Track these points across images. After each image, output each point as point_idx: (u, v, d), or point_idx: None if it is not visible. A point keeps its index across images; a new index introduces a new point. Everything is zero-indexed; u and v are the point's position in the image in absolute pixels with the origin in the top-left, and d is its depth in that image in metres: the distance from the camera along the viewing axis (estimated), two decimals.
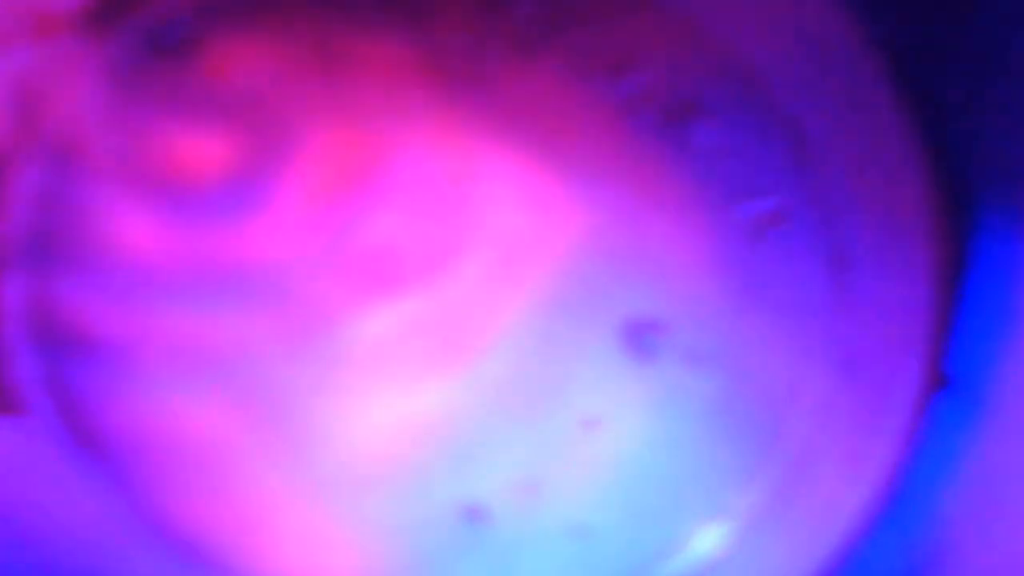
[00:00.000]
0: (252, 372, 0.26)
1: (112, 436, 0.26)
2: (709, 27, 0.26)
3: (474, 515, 0.26)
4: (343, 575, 0.26)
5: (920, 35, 0.26)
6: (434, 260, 0.26)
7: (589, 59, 0.26)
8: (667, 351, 0.26)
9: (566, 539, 0.26)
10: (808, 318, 0.27)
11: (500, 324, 0.26)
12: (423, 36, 0.26)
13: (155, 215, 0.25)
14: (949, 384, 0.26)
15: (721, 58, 0.26)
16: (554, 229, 0.26)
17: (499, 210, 0.26)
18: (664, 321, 0.26)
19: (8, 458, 0.26)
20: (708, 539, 0.26)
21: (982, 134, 0.26)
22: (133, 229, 0.25)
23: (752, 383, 0.26)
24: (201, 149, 0.26)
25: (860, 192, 0.27)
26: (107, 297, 0.26)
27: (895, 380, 0.27)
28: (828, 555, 0.26)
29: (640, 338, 0.26)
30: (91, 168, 0.25)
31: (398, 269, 0.26)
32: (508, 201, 0.26)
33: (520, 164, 0.26)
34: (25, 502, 0.26)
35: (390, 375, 0.26)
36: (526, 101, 0.26)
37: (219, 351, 0.26)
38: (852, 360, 0.27)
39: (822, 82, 0.27)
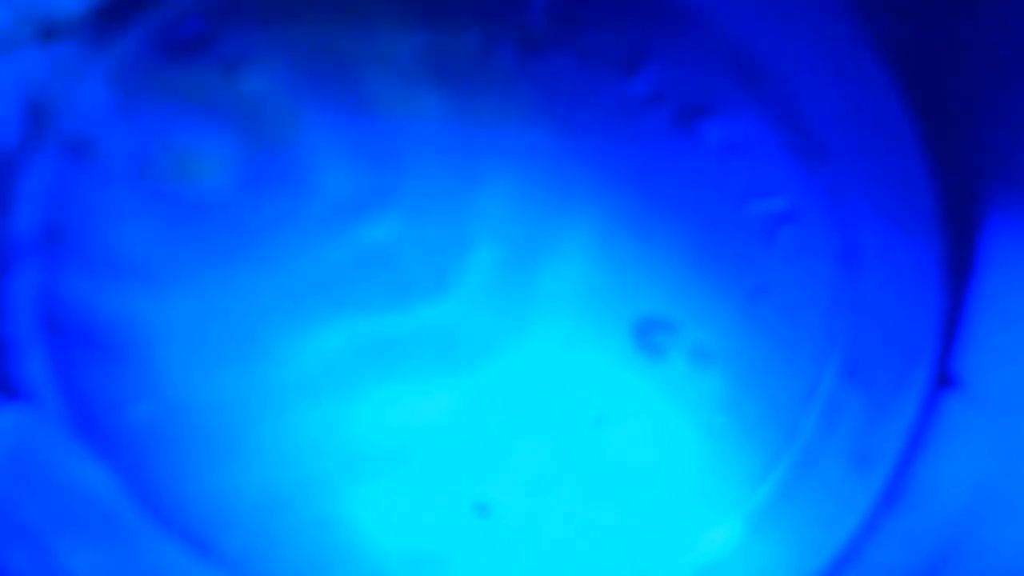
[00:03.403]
0: (260, 367, 0.26)
1: (120, 427, 0.26)
2: (720, 26, 0.26)
3: (481, 512, 0.26)
4: (350, 570, 0.26)
5: (931, 35, 0.26)
6: (441, 260, 0.26)
7: (601, 57, 0.26)
8: (676, 349, 0.26)
9: (573, 535, 0.26)
10: (817, 317, 0.27)
11: (509, 323, 0.26)
12: (434, 34, 0.26)
13: (163, 213, 0.25)
14: (956, 384, 0.26)
15: (732, 57, 0.26)
16: (564, 227, 0.26)
17: (509, 209, 0.26)
18: (673, 320, 0.26)
19: (15, 447, 0.26)
20: (715, 538, 0.26)
21: (992, 134, 0.26)
22: (141, 227, 0.25)
23: (760, 382, 0.26)
24: (210, 147, 0.26)
25: (870, 192, 0.27)
26: (114, 292, 0.26)
27: (903, 379, 0.27)
28: (834, 554, 0.26)
29: (649, 336, 0.26)
30: (100, 167, 0.25)
31: (405, 270, 0.26)
32: (518, 199, 0.26)
33: (530, 162, 0.26)
34: (31, 491, 0.26)
35: (399, 373, 0.26)
36: (537, 99, 0.26)
37: (226, 341, 0.26)
38: (860, 359, 0.27)
39: (833, 82, 0.27)
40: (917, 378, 0.27)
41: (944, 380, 0.27)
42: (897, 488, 0.27)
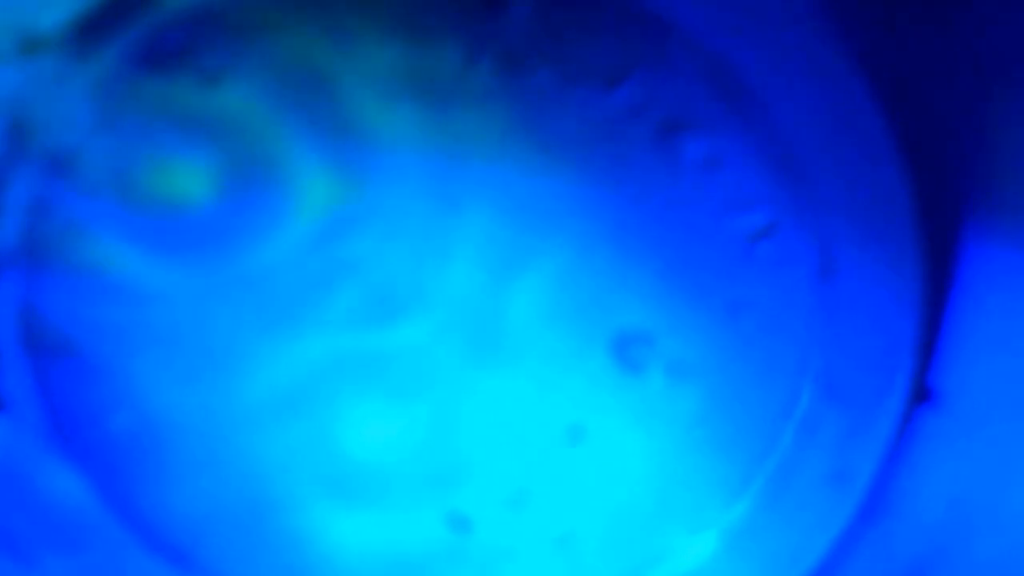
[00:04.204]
0: (238, 380, 0.26)
1: (98, 439, 0.26)
2: (700, 41, 0.26)
3: (459, 525, 0.26)
4: None
5: (911, 49, 0.26)
6: (420, 276, 0.26)
7: (581, 73, 0.26)
8: (653, 362, 0.26)
9: (551, 549, 0.26)
10: (795, 330, 0.27)
11: (488, 338, 0.26)
12: (414, 50, 0.26)
13: (143, 226, 0.26)
14: (933, 398, 0.27)
15: (712, 72, 0.26)
16: (543, 242, 0.26)
17: (488, 224, 0.26)
18: (651, 333, 0.26)
19: None
20: (692, 551, 0.26)
21: (972, 148, 0.26)
22: (121, 240, 0.26)
23: (737, 397, 0.26)
24: (190, 161, 0.26)
25: (849, 206, 0.27)
26: (94, 304, 0.26)
27: (880, 393, 0.27)
28: (809, 568, 0.27)
29: (627, 349, 0.26)
30: (81, 180, 0.25)
31: (383, 285, 0.26)
32: (498, 214, 0.26)
33: (510, 177, 0.26)
34: (9, 502, 0.26)
35: (376, 388, 0.26)
36: (517, 114, 0.26)
37: (205, 354, 0.26)
38: (837, 372, 0.27)
39: (812, 96, 0.27)
40: (894, 393, 0.27)
41: (921, 396, 0.27)
42: (873, 504, 0.27)
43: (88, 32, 0.26)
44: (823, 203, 0.27)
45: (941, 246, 0.27)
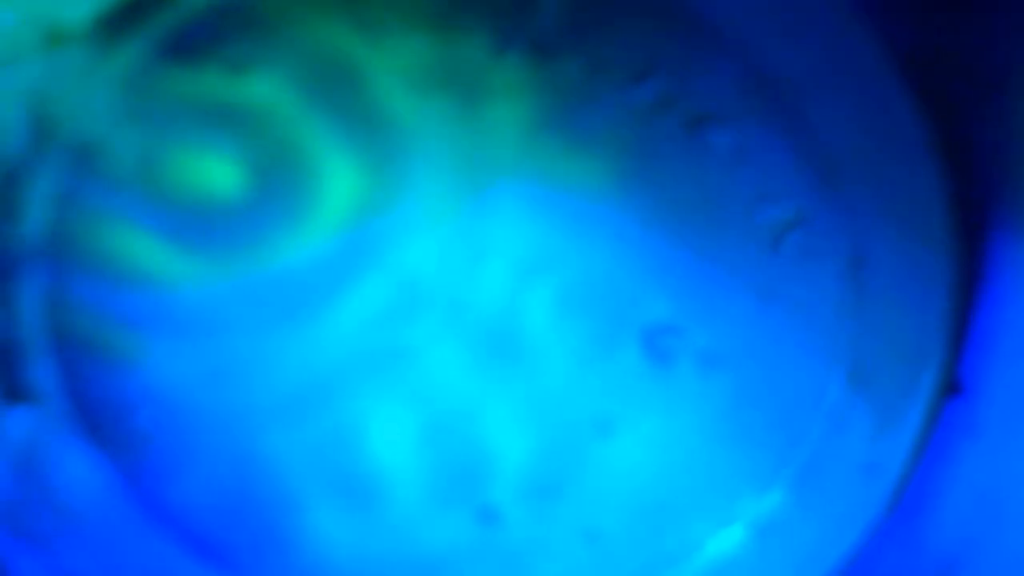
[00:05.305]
0: (265, 374, 0.26)
1: (123, 431, 0.26)
2: (730, 34, 0.26)
3: (488, 519, 0.26)
4: None
5: (940, 42, 0.26)
6: (450, 268, 0.26)
7: (610, 65, 0.26)
8: (683, 355, 0.26)
9: (580, 542, 0.26)
10: (824, 323, 0.27)
11: (518, 330, 0.26)
12: (443, 43, 0.26)
13: (168, 218, 0.25)
14: (964, 391, 0.26)
15: (741, 65, 0.26)
16: (572, 234, 0.26)
17: (517, 215, 0.26)
18: (681, 325, 0.26)
19: (22, 450, 0.26)
20: (721, 543, 0.26)
21: (1001, 141, 0.26)
22: (146, 232, 0.25)
23: (767, 388, 0.26)
24: (215, 152, 0.25)
25: (878, 198, 0.27)
26: (120, 297, 0.26)
27: (909, 386, 0.27)
28: (839, 561, 0.27)
29: (657, 342, 0.26)
30: (107, 172, 0.25)
31: (412, 279, 0.26)
32: (526, 206, 0.26)
33: (540, 170, 0.26)
34: (37, 492, 0.26)
35: (405, 381, 0.26)
36: (546, 106, 0.26)
37: (230, 347, 0.26)
38: (866, 365, 0.27)
39: (841, 89, 0.26)
40: (924, 385, 0.27)
41: (952, 389, 0.27)
42: (903, 496, 0.27)
43: (113, 24, 0.25)
44: (854, 195, 0.26)
45: (972, 239, 0.26)
